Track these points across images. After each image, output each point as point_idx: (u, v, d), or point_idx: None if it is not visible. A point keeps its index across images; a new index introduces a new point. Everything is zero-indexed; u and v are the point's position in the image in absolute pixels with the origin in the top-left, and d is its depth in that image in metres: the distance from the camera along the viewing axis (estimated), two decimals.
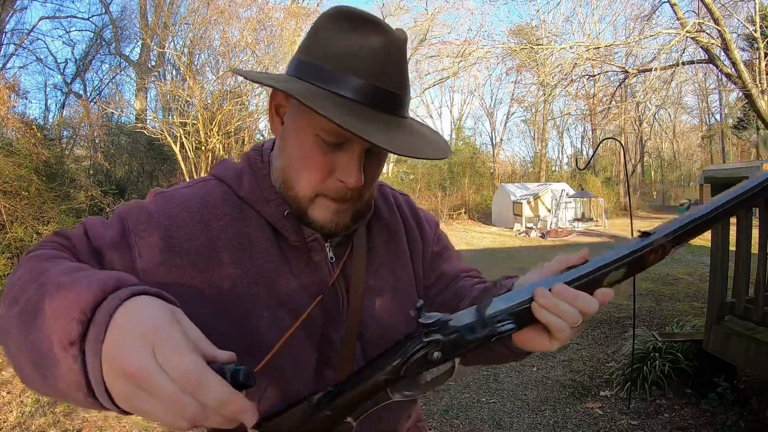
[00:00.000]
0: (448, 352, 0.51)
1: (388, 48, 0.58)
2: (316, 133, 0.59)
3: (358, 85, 0.57)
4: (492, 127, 29.84)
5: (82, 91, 16.85)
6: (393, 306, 0.72)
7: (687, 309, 5.01)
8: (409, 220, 0.81)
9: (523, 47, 10.32)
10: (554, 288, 0.51)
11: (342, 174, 0.60)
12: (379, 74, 0.58)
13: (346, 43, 0.58)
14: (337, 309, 0.67)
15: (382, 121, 0.57)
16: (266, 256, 0.63)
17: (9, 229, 6.01)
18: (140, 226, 0.60)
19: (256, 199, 0.65)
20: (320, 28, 0.60)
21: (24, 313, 0.45)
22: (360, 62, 0.57)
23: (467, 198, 20.53)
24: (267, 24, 11.72)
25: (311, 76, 0.58)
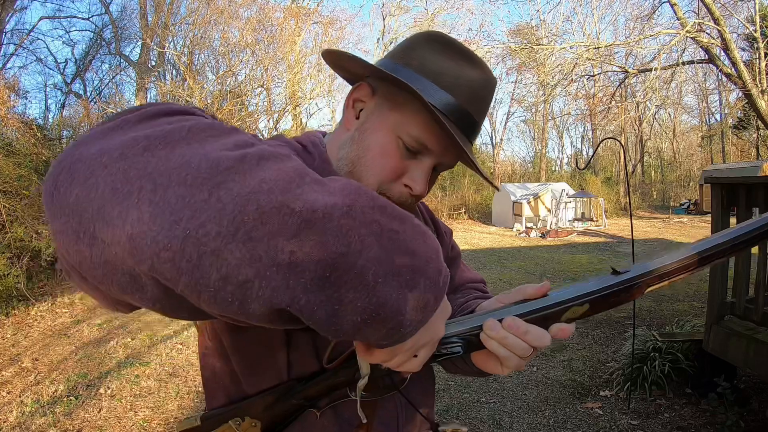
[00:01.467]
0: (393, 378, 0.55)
1: (486, 82, 0.64)
2: (399, 135, 0.62)
3: (452, 103, 0.62)
4: (492, 127, 29.86)
5: (82, 91, 16.88)
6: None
7: (687, 309, 5.01)
8: (431, 227, 0.84)
9: (523, 47, 10.31)
10: (504, 321, 0.51)
11: (410, 180, 0.63)
12: (472, 101, 0.63)
13: (448, 65, 0.63)
14: None
15: (463, 140, 0.62)
16: None
17: (9, 229, 6.01)
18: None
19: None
20: (418, 44, 0.65)
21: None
22: (460, 86, 0.62)
23: (467, 198, 20.52)
24: (267, 24, 11.72)
25: (411, 83, 0.60)
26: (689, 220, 16.53)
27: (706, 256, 0.52)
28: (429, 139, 0.62)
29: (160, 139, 0.35)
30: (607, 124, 21.85)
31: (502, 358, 0.53)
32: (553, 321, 0.52)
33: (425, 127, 0.61)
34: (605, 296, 0.51)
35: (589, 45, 8.79)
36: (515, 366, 0.54)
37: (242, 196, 0.33)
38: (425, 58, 0.63)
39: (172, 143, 0.35)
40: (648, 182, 28.42)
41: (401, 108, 0.62)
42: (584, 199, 17.01)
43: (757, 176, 10.50)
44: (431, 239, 0.42)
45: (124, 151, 0.34)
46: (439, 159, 0.64)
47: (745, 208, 2.74)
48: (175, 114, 0.40)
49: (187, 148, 0.35)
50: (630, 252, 9.44)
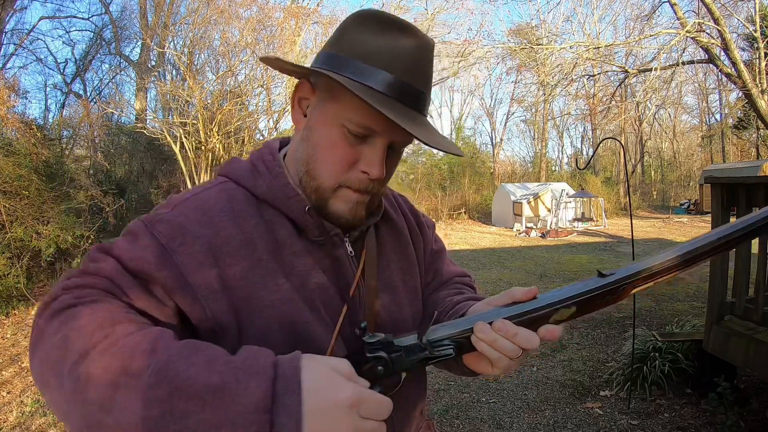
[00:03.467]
0: (389, 368, 0.56)
1: (420, 50, 0.62)
2: (342, 124, 0.61)
3: (390, 80, 0.60)
4: (492, 127, 29.86)
5: (82, 91, 16.86)
6: (402, 302, 0.74)
7: (687, 309, 5.01)
8: (411, 220, 0.84)
9: (523, 47, 10.31)
10: (494, 323, 0.54)
11: (365, 165, 0.62)
12: (411, 73, 0.61)
13: (379, 42, 0.60)
14: (362, 304, 0.68)
15: (409, 115, 0.60)
16: (294, 251, 0.64)
17: (9, 229, 6.01)
18: (176, 241, 0.57)
19: (275, 197, 0.64)
20: (349, 27, 0.63)
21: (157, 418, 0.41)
22: (393, 60, 0.60)
23: (467, 198, 20.52)
24: (267, 24, 11.70)
25: (342, 68, 0.60)
26: (689, 220, 16.53)
27: (688, 258, 0.53)
28: (371, 120, 0.60)
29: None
30: (607, 124, 21.84)
31: (493, 360, 0.55)
32: (541, 323, 0.54)
33: (364, 110, 0.59)
34: (591, 298, 0.53)
35: (589, 45, 8.79)
36: (505, 367, 0.56)
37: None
38: (356, 40, 0.61)
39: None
40: (648, 182, 28.41)
41: (338, 97, 0.61)
42: (584, 199, 17.01)
43: (757, 176, 10.49)
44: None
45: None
46: (390, 137, 0.62)
47: (745, 208, 2.73)
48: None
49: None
50: (630, 252, 9.42)
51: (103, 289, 0.53)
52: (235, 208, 0.62)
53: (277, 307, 0.60)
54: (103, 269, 0.55)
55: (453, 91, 28.70)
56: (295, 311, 0.61)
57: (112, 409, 0.42)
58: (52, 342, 0.47)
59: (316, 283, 0.64)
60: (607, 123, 20.82)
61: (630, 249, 9.91)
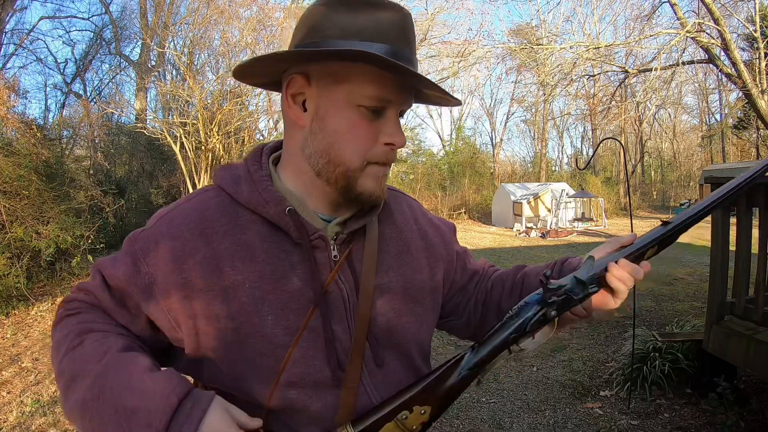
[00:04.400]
0: (560, 310, 0.66)
1: (403, 18, 0.64)
2: (358, 104, 0.62)
3: (386, 50, 0.61)
4: (492, 127, 29.86)
5: (82, 91, 16.87)
6: (402, 306, 0.73)
7: (687, 309, 5.01)
8: (423, 224, 0.83)
9: (523, 47, 10.31)
10: (620, 261, 0.67)
11: (388, 137, 0.65)
12: (401, 39, 0.63)
13: (362, 19, 0.61)
14: (343, 307, 0.67)
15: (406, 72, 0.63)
16: (266, 258, 0.64)
17: (9, 229, 6.01)
18: (149, 254, 0.64)
19: (256, 202, 0.65)
20: (319, 15, 0.62)
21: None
22: (385, 31, 0.62)
23: (467, 198, 20.52)
24: (267, 24, 11.70)
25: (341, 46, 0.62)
26: None
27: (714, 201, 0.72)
28: (386, 90, 0.62)
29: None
30: (607, 124, 21.83)
31: (620, 291, 0.67)
32: (640, 260, 0.69)
33: (378, 81, 0.61)
34: (664, 239, 0.70)
35: (589, 45, 8.79)
36: (625, 297, 0.68)
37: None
38: (339, 23, 0.61)
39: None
40: (648, 182, 28.41)
41: (347, 78, 0.62)
42: (584, 199, 17.01)
43: None
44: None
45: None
46: (401, 105, 0.65)
47: (745, 208, 2.73)
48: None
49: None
50: None
51: (89, 303, 0.67)
52: (206, 218, 0.65)
53: (236, 318, 0.62)
54: (91, 286, 0.68)
55: (453, 91, 28.66)
56: (255, 320, 0.62)
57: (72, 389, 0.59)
58: (54, 346, 0.66)
59: (288, 289, 0.64)
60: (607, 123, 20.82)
61: None
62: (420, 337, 0.75)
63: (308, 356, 0.63)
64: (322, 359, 0.64)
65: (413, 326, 0.73)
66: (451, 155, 23.80)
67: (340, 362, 0.65)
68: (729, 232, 2.90)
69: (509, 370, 3.71)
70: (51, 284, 6.69)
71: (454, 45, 16.33)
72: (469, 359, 0.64)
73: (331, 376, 0.64)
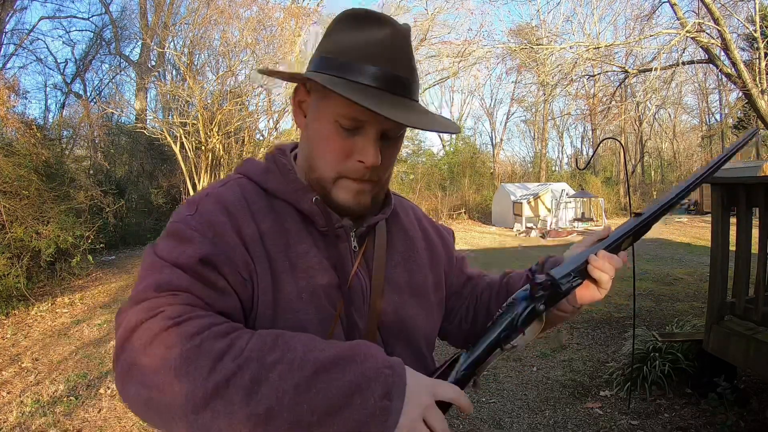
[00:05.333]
0: (547, 304, 0.67)
1: (394, 37, 0.65)
2: (335, 119, 0.65)
3: (371, 71, 0.63)
4: (492, 127, 29.88)
5: (82, 91, 16.88)
6: (409, 300, 0.76)
7: (687, 309, 5.01)
8: (428, 228, 0.87)
9: (523, 47, 10.31)
10: (599, 253, 0.70)
11: (360, 154, 0.66)
12: (389, 60, 0.64)
13: (356, 37, 0.65)
14: (362, 297, 0.70)
15: (395, 102, 0.64)
16: (299, 239, 0.68)
17: (9, 229, 6.01)
18: (210, 232, 0.62)
19: (284, 191, 0.70)
20: (332, 29, 0.68)
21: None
22: (371, 51, 0.64)
23: (467, 198, 20.53)
24: (267, 24, 11.69)
25: (329, 68, 0.65)
26: (689, 220, 16.52)
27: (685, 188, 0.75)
28: (358, 112, 0.63)
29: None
30: (607, 124, 21.82)
31: (603, 282, 0.70)
32: (617, 251, 0.72)
33: (350, 105, 0.62)
34: (638, 230, 0.73)
35: (589, 45, 8.78)
36: (608, 287, 0.71)
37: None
38: (338, 40, 0.66)
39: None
40: (648, 182, 28.39)
41: (329, 95, 0.65)
42: (584, 199, 17.01)
43: (757, 176, 10.49)
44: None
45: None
46: (380, 126, 0.65)
47: (745, 208, 2.73)
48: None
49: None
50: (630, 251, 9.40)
51: (185, 303, 0.56)
52: (249, 200, 0.68)
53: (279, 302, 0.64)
54: (174, 282, 0.57)
55: (453, 91, 28.71)
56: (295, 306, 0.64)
57: (265, 383, 0.49)
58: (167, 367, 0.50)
59: (320, 282, 0.67)
60: (607, 123, 20.81)
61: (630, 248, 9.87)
62: (427, 330, 0.79)
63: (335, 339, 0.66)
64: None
65: (420, 319, 0.77)
66: (451, 155, 23.80)
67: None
68: (729, 232, 2.90)
69: (509, 370, 3.71)
70: (51, 284, 6.69)
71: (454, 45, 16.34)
72: (464, 360, 0.65)
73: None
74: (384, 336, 0.71)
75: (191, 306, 0.55)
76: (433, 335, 0.82)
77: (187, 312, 0.54)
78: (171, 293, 0.56)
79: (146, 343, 0.51)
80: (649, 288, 6.17)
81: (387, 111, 0.60)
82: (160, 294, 0.56)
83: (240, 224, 0.65)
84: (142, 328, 0.52)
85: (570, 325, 4.72)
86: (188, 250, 0.59)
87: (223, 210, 0.65)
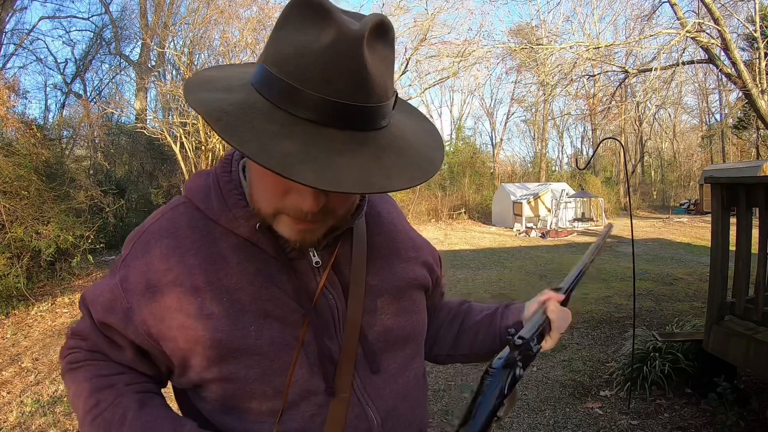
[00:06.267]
0: (524, 367, 0.66)
1: (336, 47, 0.47)
2: None
3: (303, 97, 0.48)
4: (492, 127, 29.87)
5: (82, 91, 16.88)
6: (397, 306, 0.69)
7: (687, 309, 5.01)
8: (407, 228, 0.80)
9: (523, 47, 10.31)
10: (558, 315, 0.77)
11: (296, 197, 0.55)
12: (326, 81, 0.47)
13: (297, 41, 0.48)
14: (332, 317, 0.64)
15: (330, 141, 0.48)
16: (241, 269, 0.61)
17: (9, 229, 6.01)
18: (126, 281, 0.63)
19: (226, 219, 0.62)
20: (283, 18, 0.52)
21: None
22: (304, 67, 0.48)
23: (467, 198, 20.52)
24: (267, 24, 11.70)
25: (263, 84, 0.51)
26: (689, 220, 16.53)
27: (582, 271, 0.89)
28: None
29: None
30: (607, 124, 21.82)
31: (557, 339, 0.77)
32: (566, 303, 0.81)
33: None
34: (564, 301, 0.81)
35: (589, 45, 8.78)
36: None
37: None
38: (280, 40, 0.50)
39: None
40: (648, 182, 28.41)
41: None
42: (584, 199, 17.00)
43: (757, 176, 10.49)
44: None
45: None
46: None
47: (745, 208, 2.73)
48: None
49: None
50: (630, 252, 9.41)
51: (87, 350, 0.67)
52: (180, 236, 0.62)
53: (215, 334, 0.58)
54: (84, 330, 0.68)
55: (453, 91, 28.69)
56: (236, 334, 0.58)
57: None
58: (72, 402, 0.67)
59: (269, 298, 0.60)
60: (607, 123, 20.81)
61: (630, 249, 9.91)
62: (416, 335, 0.73)
63: (298, 368, 0.60)
64: (314, 370, 0.61)
65: (409, 325, 0.70)
66: (451, 155, 23.81)
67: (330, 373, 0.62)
68: (729, 232, 2.90)
69: None
70: (51, 284, 6.69)
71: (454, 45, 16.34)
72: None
73: (325, 389, 0.61)
74: (367, 352, 0.65)
75: (91, 352, 0.67)
76: (425, 327, 0.76)
77: (85, 359, 0.67)
78: (80, 338, 0.69)
79: (63, 374, 0.70)
80: (649, 288, 6.17)
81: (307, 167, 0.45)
82: (74, 336, 0.70)
83: (155, 268, 0.61)
84: (62, 365, 0.69)
85: (570, 325, 4.72)
86: (99, 302, 0.65)
87: (145, 254, 0.62)
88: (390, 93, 0.53)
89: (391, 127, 0.54)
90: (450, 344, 0.86)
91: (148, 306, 0.60)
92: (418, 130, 0.61)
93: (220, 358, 0.59)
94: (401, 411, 0.67)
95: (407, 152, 0.54)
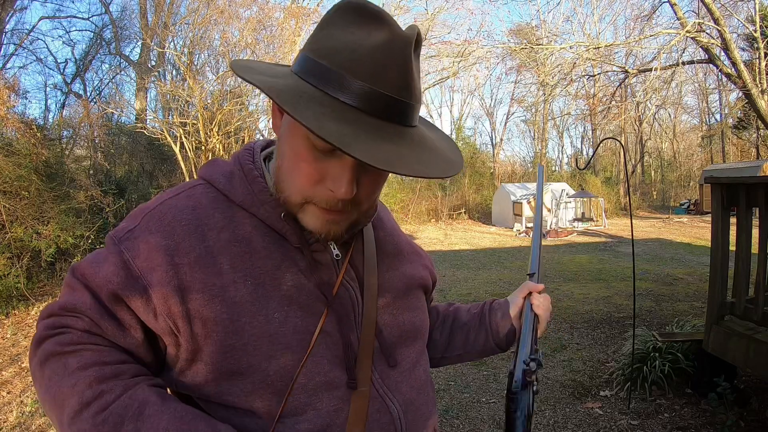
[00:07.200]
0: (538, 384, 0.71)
1: (390, 46, 0.52)
2: (307, 136, 0.55)
3: (354, 87, 0.51)
4: (492, 127, 29.86)
5: (82, 91, 16.84)
6: (407, 302, 0.73)
7: (687, 309, 5.01)
8: (402, 234, 0.84)
9: (523, 47, 10.31)
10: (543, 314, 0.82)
11: (331, 183, 0.56)
12: (377, 76, 0.52)
13: (346, 38, 0.53)
14: (351, 308, 0.65)
15: (380, 129, 0.52)
16: (267, 254, 0.60)
17: (9, 229, 6.01)
18: (139, 254, 0.57)
19: (251, 203, 0.62)
20: (327, 20, 0.56)
21: None
22: (357, 61, 0.52)
23: (467, 198, 20.51)
24: (267, 24, 11.71)
25: (310, 73, 0.54)
26: (689, 220, 16.52)
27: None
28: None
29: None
30: (607, 124, 21.83)
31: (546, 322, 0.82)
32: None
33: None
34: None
35: (589, 45, 8.79)
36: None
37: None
38: (330, 36, 0.54)
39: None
40: (648, 182, 28.39)
41: None
42: (584, 199, 17.00)
43: (757, 176, 10.50)
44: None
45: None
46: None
47: (745, 208, 2.73)
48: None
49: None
50: (630, 252, 9.42)
51: (83, 330, 0.56)
52: (199, 216, 0.60)
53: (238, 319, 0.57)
54: (80, 305, 0.57)
55: (453, 91, 28.68)
56: (260, 319, 0.57)
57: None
58: (50, 395, 0.54)
59: (293, 285, 0.60)
60: (607, 123, 20.83)
61: (630, 249, 9.91)
62: (423, 332, 0.76)
63: (320, 360, 0.59)
64: (335, 363, 0.61)
65: (417, 322, 0.73)
66: None
67: (350, 365, 0.63)
68: (729, 232, 2.90)
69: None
70: (51, 284, 6.69)
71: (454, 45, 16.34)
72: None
73: (347, 380, 0.61)
74: (384, 346, 0.66)
75: (88, 333, 0.56)
76: (428, 325, 0.79)
77: (81, 341, 0.56)
78: (73, 315, 0.57)
79: (41, 361, 0.56)
80: (649, 288, 6.17)
81: (361, 146, 0.48)
82: (62, 313, 0.58)
83: (179, 245, 0.57)
84: (42, 348, 0.56)
85: (570, 325, 4.73)
86: (103, 276, 0.57)
87: (164, 229, 0.58)
88: (421, 97, 0.59)
89: (418, 128, 0.60)
90: (443, 346, 0.88)
91: (168, 284, 0.56)
92: (436, 138, 0.65)
93: (242, 344, 0.56)
94: (418, 404, 0.69)
95: (435, 149, 0.59)
